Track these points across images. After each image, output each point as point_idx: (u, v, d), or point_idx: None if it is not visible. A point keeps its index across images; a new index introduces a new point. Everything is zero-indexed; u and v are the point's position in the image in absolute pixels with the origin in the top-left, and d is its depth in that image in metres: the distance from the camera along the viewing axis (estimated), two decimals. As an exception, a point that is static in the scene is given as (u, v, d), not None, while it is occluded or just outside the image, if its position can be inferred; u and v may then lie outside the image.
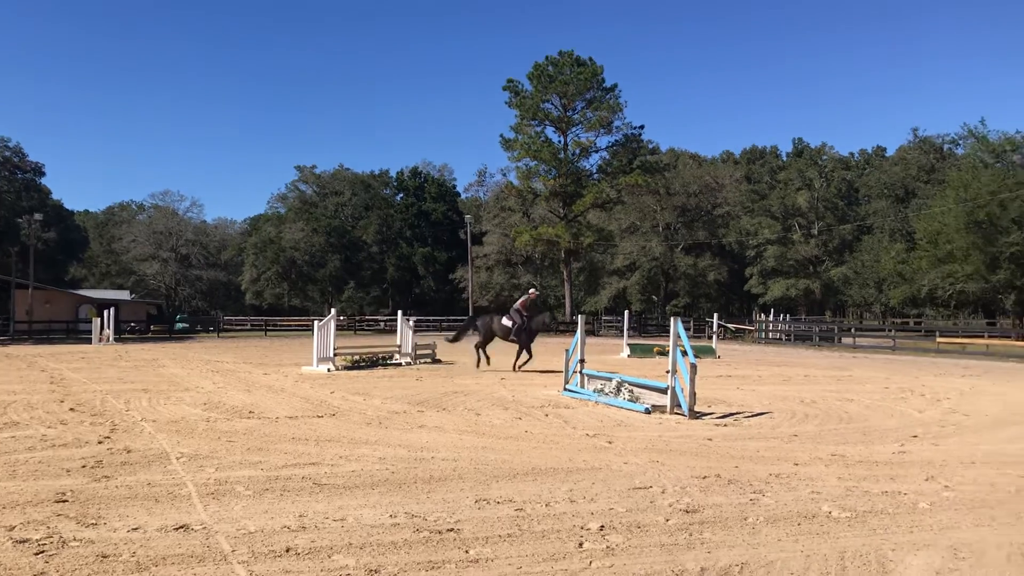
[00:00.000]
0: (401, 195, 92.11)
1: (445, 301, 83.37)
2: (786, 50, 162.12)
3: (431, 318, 62.53)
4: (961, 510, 6.04)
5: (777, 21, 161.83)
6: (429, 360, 21.96)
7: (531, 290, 20.12)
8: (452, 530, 5.23)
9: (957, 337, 37.65)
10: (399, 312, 24.26)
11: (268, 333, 50.95)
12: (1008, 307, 49.61)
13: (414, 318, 24.01)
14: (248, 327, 59.99)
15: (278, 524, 5.29)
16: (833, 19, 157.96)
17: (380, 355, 21.09)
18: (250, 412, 11.04)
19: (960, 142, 60.32)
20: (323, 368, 18.48)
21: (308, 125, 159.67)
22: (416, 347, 21.84)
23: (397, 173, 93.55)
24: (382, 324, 58.42)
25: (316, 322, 19.51)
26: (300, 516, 5.50)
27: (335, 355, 19.04)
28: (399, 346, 21.60)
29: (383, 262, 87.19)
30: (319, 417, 10.61)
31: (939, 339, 35.16)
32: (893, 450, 8.69)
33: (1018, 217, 40.66)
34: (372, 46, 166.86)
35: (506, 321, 18.70)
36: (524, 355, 18.44)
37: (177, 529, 5.11)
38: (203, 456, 7.69)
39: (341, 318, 57.77)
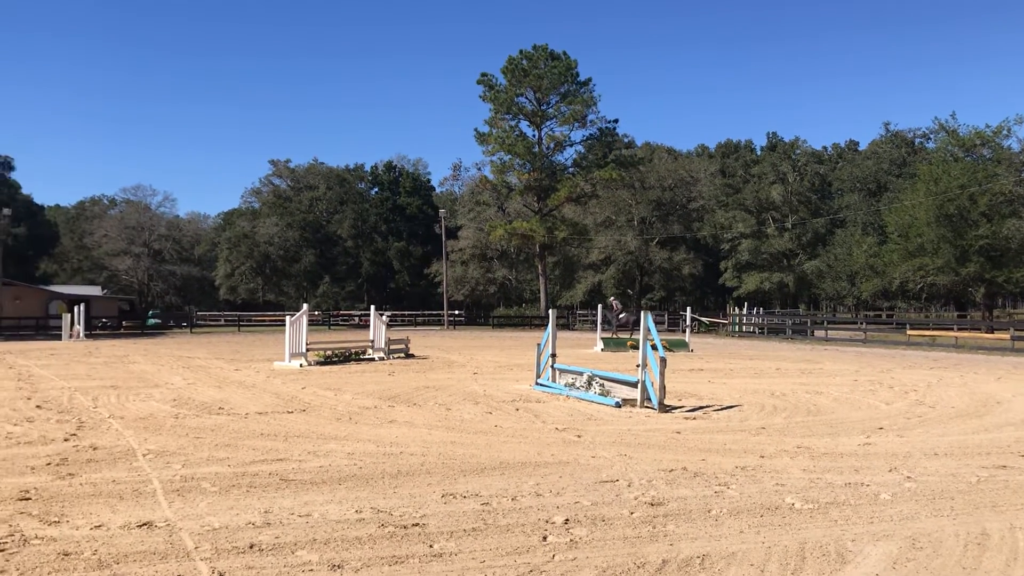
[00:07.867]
0: (376, 189, 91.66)
1: (420, 295, 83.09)
2: (761, 45, 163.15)
3: (406, 313, 62.31)
4: (921, 500, 6.14)
5: (749, 17, 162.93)
6: (403, 355, 21.93)
7: (612, 299, 32.17)
8: (417, 524, 5.25)
9: (927, 329, 38.04)
10: (372, 307, 24.22)
11: (241, 328, 50.45)
12: (978, 300, 50.15)
13: (389, 313, 24.01)
14: (222, 322, 59.34)
15: (243, 520, 5.28)
16: (805, 16, 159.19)
17: (353, 350, 21.02)
18: (219, 408, 10.99)
19: (931, 136, 60.91)
20: (295, 364, 18.40)
21: (282, 119, 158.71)
22: (389, 342, 21.81)
23: (372, 167, 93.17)
24: (356, 319, 58.10)
25: (288, 317, 19.40)
26: (265, 512, 5.49)
27: (307, 350, 18.96)
28: (372, 341, 21.54)
29: (358, 256, 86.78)
30: (289, 413, 10.58)
31: (909, 332, 35.54)
32: (858, 442, 8.80)
33: (987, 210, 41.13)
34: (348, 41, 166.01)
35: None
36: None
37: (140, 526, 5.09)
38: (170, 453, 7.65)
39: (315, 313, 57.38)
